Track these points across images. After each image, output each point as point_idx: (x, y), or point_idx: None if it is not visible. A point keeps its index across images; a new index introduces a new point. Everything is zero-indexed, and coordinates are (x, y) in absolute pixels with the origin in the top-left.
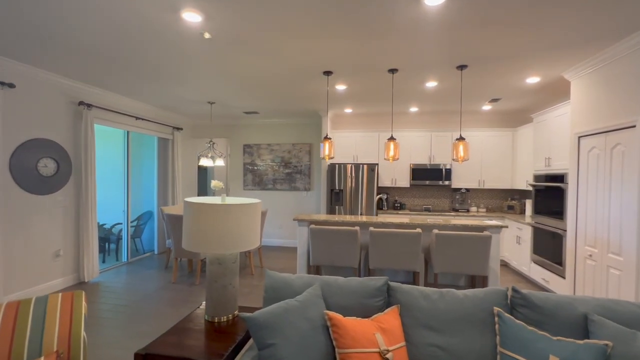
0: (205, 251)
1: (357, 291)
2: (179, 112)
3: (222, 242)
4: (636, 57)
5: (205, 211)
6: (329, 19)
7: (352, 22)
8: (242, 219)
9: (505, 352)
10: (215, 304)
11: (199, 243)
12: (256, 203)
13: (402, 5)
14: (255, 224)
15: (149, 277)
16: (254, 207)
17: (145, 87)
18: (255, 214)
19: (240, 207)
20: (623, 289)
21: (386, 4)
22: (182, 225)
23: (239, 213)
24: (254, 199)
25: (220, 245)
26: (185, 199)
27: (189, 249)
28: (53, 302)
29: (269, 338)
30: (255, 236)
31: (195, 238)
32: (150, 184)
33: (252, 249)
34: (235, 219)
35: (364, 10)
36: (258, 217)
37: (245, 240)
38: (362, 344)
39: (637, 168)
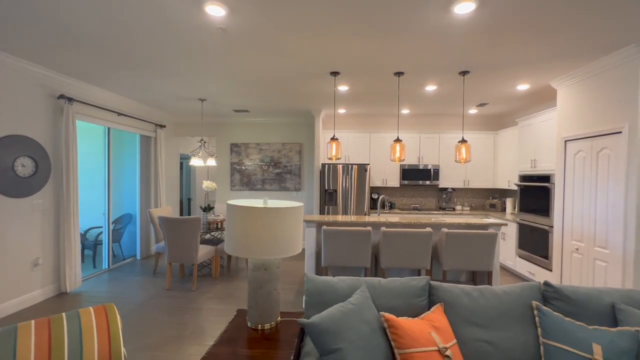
0: (256, 256)
1: (402, 292)
2: (162, 109)
3: (273, 247)
4: (621, 71)
5: (258, 215)
6: (349, 20)
7: (372, 25)
8: (291, 222)
9: (548, 343)
10: (261, 311)
11: (249, 248)
12: (300, 206)
13: (431, 13)
14: (300, 227)
15: (137, 285)
16: (299, 210)
17: (133, 80)
18: (300, 217)
19: (288, 211)
20: (609, 278)
21: (417, 11)
22: (227, 230)
23: (287, 216)
24: (295, 202)
25: (272, 250)
26: (229, 201)
27: (238, 254)
28: (86, 317)
29: (333, 343)
30: (300, 240)
31: (246, 243)
32: (131, 185)
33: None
34: (285, 222)
35: (388, 14)
36: (301, 220)
37: (294, 245)
38: (421, 343)
39: (623, 170)
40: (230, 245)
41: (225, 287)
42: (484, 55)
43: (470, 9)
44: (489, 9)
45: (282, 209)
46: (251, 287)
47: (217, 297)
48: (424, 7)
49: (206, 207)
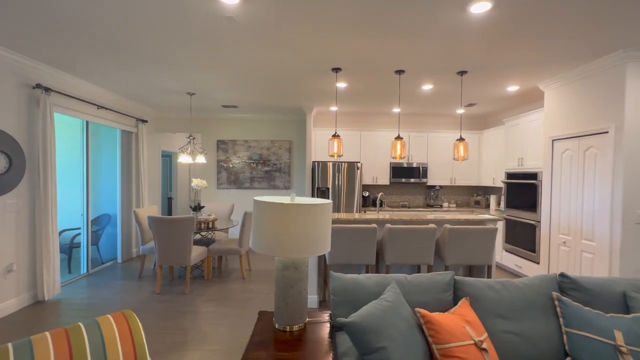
0: (289, 255)
1: (430, 287)
2: (145, 103)
3: (307, 245)
4: (608, 74)
5: (292, 212)
6: (360, 17)
7: (382, 23)
8: (323, 219)
9: (572, 332)
10: (291, 312)
11: (283, 247)
12: (329, 203)
13: (446, 12)
14: (329, 224)
15: (124, 290)
16: (329, 207)
17: (118, 70)
18: (329, 214)
19: (320, 207)
20: (596, 269)
21: (431, 10)
22: (257, 228)
23: (319, 213)
24: (323, 199)
25: (305, 248)
26: (257, 198)
27: (271, 254)
28: (107, 326)
29: (376, 342)
30: (329, 238)
31: (280, 242)
32: (110, 183)
33: (243, 253)
34: (317, 219)
35: (402, 12)
36: (330, 217)
37: (325, 242)
38: (458, 337)
39: (610, 167)
40: (261, 244)
41: (219, 289)
42: (483, 57)
43: (485, 9)
44: (499, 11)
45: (315, 205)
46: (280, 287)
47: (213, 299)
48: (440, 6)
49: (196, 206)
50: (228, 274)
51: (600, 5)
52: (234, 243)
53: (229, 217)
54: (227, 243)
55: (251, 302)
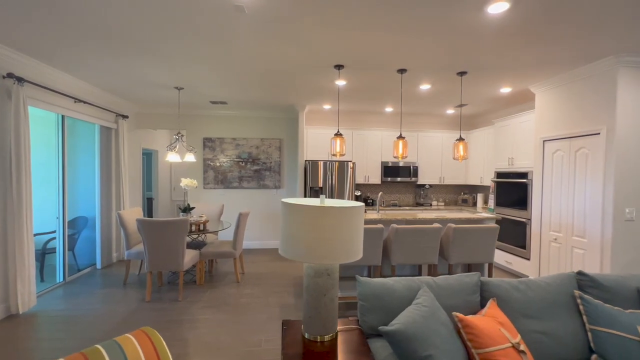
0: (325, 262)
1: (459, 289)
2: (125, 97)
3: (342, 251)
4: (599, 79)
5: (329, 215)
6: (374, 11)
7: (395, 19)
8: (357, 223)
9: (596, 329)
10: (324, 321)
11: (318, 253)
12: (361, 206)
13: (462, 11)
14: (362, 228)
15: (109, 298)
16: (362, 210)
17: (101, 60)
18: (362, 218)
19: (354, 210)
20: (587, 264)
21: (447, 9)
22: (288, 233)
23: (354, 216)
24: (353, 202)
25: (341, 254)
26: (285, 200)
27: (305, 260)
28: (129, 346)
29: (422, 350)
30: (362, 243)
31: (313, 247)
32: (87, 184)
33: (237, 256)
34: (352, 222)
35: (415, 11)
36: (363, 221)
37: (359, 247)
38: (496, 341)
39: (601, 167)
40: (294, 251)
41: (214, 295)
42: (486, 58)
43: (502, 9)
44: (514, 12)
45: (351, 208)
46: (312, 295)
47: (210, 306)
48: (455, 6)
49: (185, 207)
50: (220, 278)
51: (594, 13)
52: (228, 245)
53: (219, 219)
54: (221, 245)
55: (251, 308)
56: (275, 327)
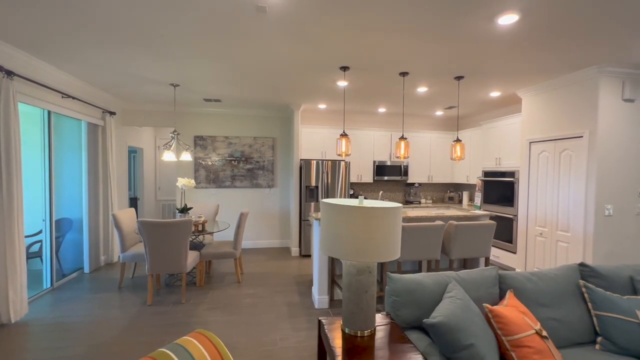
0: (372, 260)
1: (481, 282)
2: (113, 93)
3: (387, 248)
4: (582, 86)
5: (377, 215)
6: (391, 16)
7: (408, 24)
8: (398, 222)
9: (600, 314)
10: (365, 316)
11: (364, 251)
12: (400, 206)
13: (477, 21)
14: (400, 228)
15: (105, 303)
16: (401, 210)
17: (94, 53)
18: (401, 218)
19: (396, 211)
20: (570, 257)
21: (465, 19)
22: (331, 232)
23: (395, 216)
24: (391, 202)
25: (385, 252)
26: (331, 201)
27: (350, 258)
28: (194, 348)
29: (465, 339)
30: (400, 242)
31: (361, 246)
32: (73, 183)
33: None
34: (395, 222)
35: (430, 17)
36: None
37: (398, 246)
38: (523, 328)
39: (584, 167)
40: (340, 250)
41: (218, 296)
42: (485, 65)
43: (512, 21)
44: (519, 25)
45: (395, 209)
46: (354, 292)
47: (215, 307)
48: (469, 15)
49: (183, 208)
50: (220, 279)
51: (587, 27)
52: (228, 246)
53: (214, 219)
54: (221, 246)
55: (258, 308)
56: (287, 326)
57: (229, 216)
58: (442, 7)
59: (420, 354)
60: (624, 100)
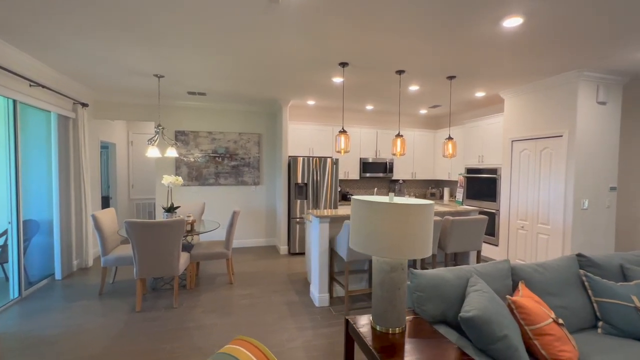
0: (407, 257)
1: (497, 275)
2: (85, 82)
3: (422, 245)
4: (562, 89)
5: (413, 212)
6: (404, 14)
7: (421, 24)
8: (431, 219)
9: (600, 300)
10: (398, 313)
11: (400, 248)
12: (432, 204)
13: (482, 23)
14: (432, 225)
15: (88, 312)
16: (432, 207)
17: (71, 37)
18: (432, 215)
19: (428, 208)
20: (550, 248)
21: (471, 21)
22: (365, 230)
23: (427, 213)
24: (423, 200)
25: (421, 249)
26: (358, 197)
27: (385, 255)
28: (244, 356)
29: (499, 331)
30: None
31: (397, 243)
32: (41, 182)
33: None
34: (429, 218)
35: (437, 17)
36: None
37: (430, 243)
38: (542, 317)
39: (564, 164)
40: (377, 247)
41: (211, 298)
42: (479, 65)
43: (516, 24)
44: (521, 28)
45: (429, 205)
46: (387, 290)
47: (212, 310)
48: (476, 18)
49: (170, 207)
50: (210, 280)
51: (577, 33)
52: (220, 246)
53: (200, 218)
54: (212, 246)
55: (256, 308)
56: (291, 326)
57: (214, 215)
58: (446, 9)
59: (456, 346)
60: (598, 103)
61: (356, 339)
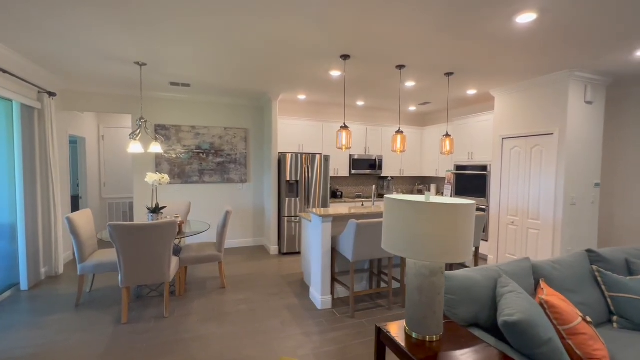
0: (452, 260)
1: (521, 274)
2: (51, 68)
3: (465, 247)
4: (553, 88)
5: (461, 212)
6: (411, 7)
7: (431, 18)
8: (472, 221)
9: (614, 295)
10: (438, 320)
11: (446, 251)
12: (473, 203)
13: (495, 19)
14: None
15: (65, 327)
16: (474, 207)
17: (39, 14)
18: (473, 215)
19: (470, 208)
20: (540, 243)
21: (484, 16)
22: (404, 232)
23: (470, 214)
24: (463, 199)
25: (464, 251)
26: (393, 197)
27: (431, 259)
28: None
29: (545, 334)
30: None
31: (443, 246)
32: (4, 179)
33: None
34: (469, 220)
35: (455, 13)
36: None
37: (472, 244)
38: (573, 317)
39: (554, 162)
40: (421, 250)
41: (206, 305)
42: (479, 62)
43: (530, 19)
44: (534, 25)
45: (471, 205)
46: (427, 295)
47: (208, 318)
48: (489, 14)
49: (155, 207)
50: (200, 285)
51: (579, 32)
52: (211, 248)
53: (186, 218)
54: (203, 249)
55: (256, 314)
56: (296, 332)
57: (199, 215)
58: (462, 2)
59: (501, 353)
60: (585, 102)
61: (393, 348)
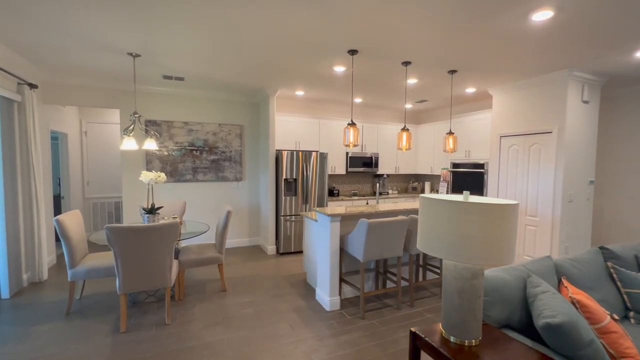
0: (497, 263)
1: (546, 273)
2: (33, 59)
3: (509, 249)
4: (552, 87)
5: (507, 213)
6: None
7: (446, 17)
8: (515, 221)
9: (630, 291)
10: (479, 323)
11: (490, 252)
12: (516, 204)
13: (510, 17)
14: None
15: (57, 338)
16: (517, 207)
17: (39, 4)
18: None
19: (514, 208)
20: (538, 240)
21: (500, 14)
22: (426, 232)
23: (514, 214)
24: (504, 199)
25: (508, 253)
26: (430, 196)
27: (476, 262)
28: None
29: (587, 335)
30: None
31: (487, 247)
32: None
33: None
34: (516, 220)
35: (469, 11)
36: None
37: (515, 246)
38: (603, 316)
39: (553, 160)
40: (466, 252)
41: (209, 309)
42: (484, 60)
43: (546, 17)
44: (549, 23)
45: (515, 206)
46: (468, 298)
47: (215, 323)
48: (505, 11)
49: (151, 207)
50: (199, 288)
51: (584, 33)
52: (211, 249)
53: (182, 218)
54: (202, 250)
55: (264, 318)
56: (308, 336)
57: (193, 214)
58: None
59: (542, 355)
60: (582, 101)
61: (433, 354)
